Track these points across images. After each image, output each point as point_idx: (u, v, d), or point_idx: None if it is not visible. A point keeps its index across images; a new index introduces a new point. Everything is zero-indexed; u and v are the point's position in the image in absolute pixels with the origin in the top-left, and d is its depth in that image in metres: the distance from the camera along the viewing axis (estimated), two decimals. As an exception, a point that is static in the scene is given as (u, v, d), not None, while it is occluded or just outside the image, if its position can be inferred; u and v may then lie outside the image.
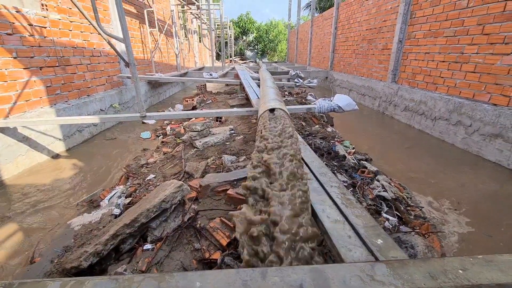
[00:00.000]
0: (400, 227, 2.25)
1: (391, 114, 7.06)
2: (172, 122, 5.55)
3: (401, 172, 3.72)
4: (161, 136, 4.95)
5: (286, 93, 7.28)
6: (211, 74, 8.06)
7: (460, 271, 0.86)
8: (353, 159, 3.29)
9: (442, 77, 5.45)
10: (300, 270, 0.89)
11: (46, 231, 2.50)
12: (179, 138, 4.05)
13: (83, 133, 4.96)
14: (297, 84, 6.66)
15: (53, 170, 3.77)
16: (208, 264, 1.72)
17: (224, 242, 1.72)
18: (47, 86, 4.35)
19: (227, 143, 3.35)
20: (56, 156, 4.23)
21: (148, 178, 2.88)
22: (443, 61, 5.40)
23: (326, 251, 1.63)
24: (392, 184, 2.88)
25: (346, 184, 2.50)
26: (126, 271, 1.63)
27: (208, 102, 6.56)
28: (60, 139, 4.37)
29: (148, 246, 1.85)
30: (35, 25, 4.17)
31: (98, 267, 1.75)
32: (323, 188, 1.51)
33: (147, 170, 3.18)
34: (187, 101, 6.37)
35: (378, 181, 2.76)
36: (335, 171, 2.69)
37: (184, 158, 3.10)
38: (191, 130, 3.56)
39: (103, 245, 1.70)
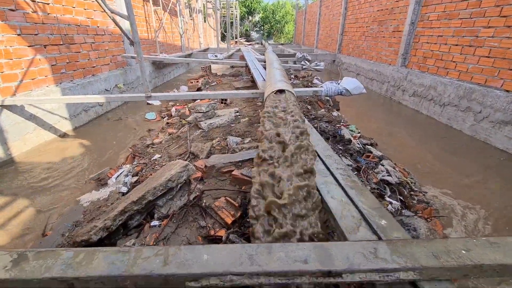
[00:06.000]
0: (403, 211, 2.27)
1: (398, 100, 6.93)
2: (177, 104, 5.53)
3: (406, 158, 3.71)
4: (166, 118, 4.95)
5: (292, 76, 7.15)
6: (216, 56, 7.92)
7: (463, 252, 0.87)
8: (358, 144, 3.27)
9: (454, 62, 5.28)
10: (304, 247, 0.91)
11: (56, 207, 2.58)
12: (184, 119, 4.05)
13: (89, 113, 4.98)
14: (303, 67, 6.52)
15: (60, 149, 3.83)
16: (213, 241, 1.76)
17: (229, 220, 1.76)
18: (52, 65, 4.33)
19: (232, 125, 3.35)
20: (63, 135, 4.29)
21: (154, 157, 2.92)
22: (456, 45, 5.21)
23: (330, 231, 1.66)
24: (397, 169, 2.88)
25: (351, 168, 2.51)
26: (135, 245, 1.69)
27: (213, 84, 6.49)
28: (66, 118, 4.40)
29: (155, 222, 1.90)
30: (38, 1, 4.08)
31: (107, 241, 1.81)
32: (328, 170, 1.52)
33: (152, 150, 3.21)
34: (191, 82, 6.30)
35: (383, 165, 2.75)
36: (340, 155, 2.69)
37: (189, 139, 3.11)
38: (196, 111, 3.55)
39: (111, 220, 1.75)
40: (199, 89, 5.98)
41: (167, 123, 4.49)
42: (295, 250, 0.89)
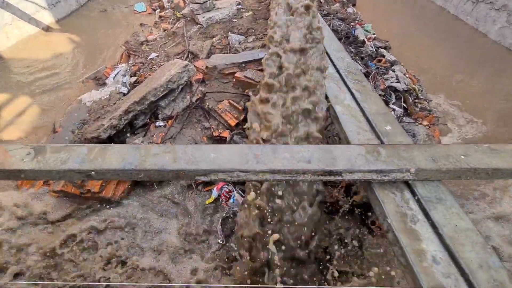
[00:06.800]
0: (403, 118, 2.29)
1: (426, -7, 5.94)
2: (169, -8, 4.76)
3: (421, 63, 3.47)
4: (158, 10, 4.36)
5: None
6: None
7: (462, 157, 0.90)
8: (372, 46, 3.00)
9: None
10: (309, 149, 0.94)
11: (59, 106, 2.59)
12: (178, 12, 3.57)
13: (69, 2, 4.35)
14: None
15: (47, 43, 3.53)
16: (218, 141, 1.85)
17: (233, 122, 1.79)
18: None
19: (234, 20, 2.97)
20: (47, 29, 3.87)
21: (150, 57, 2.73)
22: None
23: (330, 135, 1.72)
24: (407, 75, 2.74)
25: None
26: (143, 143, 1.78)
27: (210, -35, 5.41)
28: (44, 8, 3.87)
29: (160, 123, 1.94)
30: None
31: (116, 139, 1.90)
32: (338, 74, 1.43)
33: (148, 48, 2.97)
34: (184, -37, 5.23)
35: (394, 71, 2.61)
36: (351, 58, 2.50)
37: (186, 36, 2.83)
38: (192, 2, 3.09)
39: (117, 119, 1.78)
40: (193, -27, 5.03)
41: (160, 16, 3.99)
42: (299, 152, 0.92)
